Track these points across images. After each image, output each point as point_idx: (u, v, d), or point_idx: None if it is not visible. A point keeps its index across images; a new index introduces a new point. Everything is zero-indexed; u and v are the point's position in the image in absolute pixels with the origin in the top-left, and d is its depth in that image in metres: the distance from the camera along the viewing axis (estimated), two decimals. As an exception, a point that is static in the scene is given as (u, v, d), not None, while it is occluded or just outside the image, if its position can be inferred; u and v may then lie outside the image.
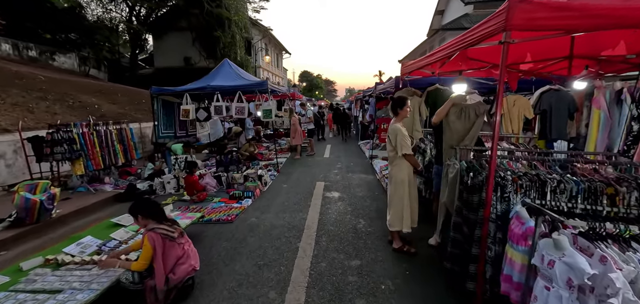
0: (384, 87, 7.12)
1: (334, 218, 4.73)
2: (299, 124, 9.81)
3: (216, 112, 7.77)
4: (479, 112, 3.51)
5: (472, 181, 2.62)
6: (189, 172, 5.73)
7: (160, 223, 2.69)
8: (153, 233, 2.60)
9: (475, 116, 3.52)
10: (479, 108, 3.52)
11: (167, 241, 2.61)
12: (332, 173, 7.71)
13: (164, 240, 2.59)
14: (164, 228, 2.65)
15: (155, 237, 2.57)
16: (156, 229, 2.62)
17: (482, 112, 3.51)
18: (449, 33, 23.04)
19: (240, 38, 19.29)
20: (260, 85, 7.73)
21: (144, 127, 9.48)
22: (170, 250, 2.62)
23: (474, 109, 3.54)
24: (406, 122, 5.09)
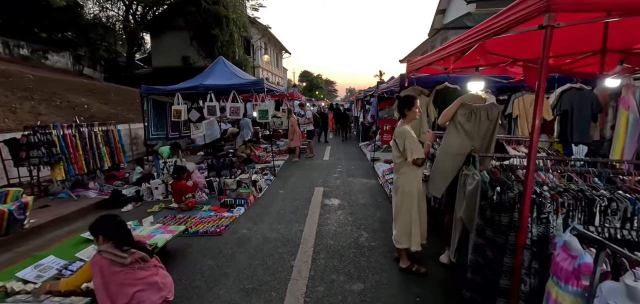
0: (387, 86, 6.66)
1: (334, 230, 4.28)
2: (297, 125, 9.36)
3: (209, 112, 7.32)
4: (492, 115, 3.05)
5: (499, 198, 2.16)
6: (176, 178, 5.27)
7: (117, 247, 2.25)
8: (99, 255, 2.19)
9: (488, 119, 3.06)
10: (492, 111, 3.06)
11: (115, 267, 2.16)
12: (332, 177, 7.25)
13: (111, 266, 2.15)
14: (113, 252, 2.21)
15: (98, 261, 2.16)
16: (103, 253, 2.19)
17: (496, 116, 3.05)
18: (451, 32, 22.59)
19: (238, 37, 18.85)
20: (256, 84, 7.28)
21: (136, 128, 9.04)
22: (120, 278, 2.17)
23: (486, 111, 3.08)
24: (413, 125, 4.67)
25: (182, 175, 5.33)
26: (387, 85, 6.58)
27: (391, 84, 6.04)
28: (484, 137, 3.09)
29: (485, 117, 3.08)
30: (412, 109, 3.14)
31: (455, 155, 3.21)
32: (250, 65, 21.39)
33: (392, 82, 5.99)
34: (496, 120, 3.07)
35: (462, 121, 3.14)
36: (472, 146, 3.14)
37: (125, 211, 5.37)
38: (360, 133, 12.97)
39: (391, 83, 6.13)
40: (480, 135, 3.09)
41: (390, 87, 6.34)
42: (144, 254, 2.41)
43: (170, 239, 3.42)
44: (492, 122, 3.06)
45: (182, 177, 5.32)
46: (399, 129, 3.17)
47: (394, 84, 5.64)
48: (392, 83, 5.92)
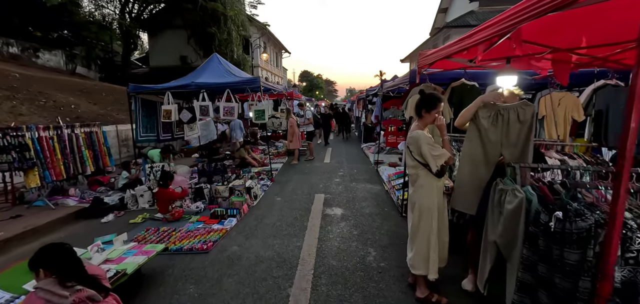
0: (393, 84, 6.12)
1: (337, 247, 3.73)
2: (297, 126, 8.81)
3: (202, 112, 6.78)
4: (525, 117, 2.52)
5: (562, 226, 1.62)
6: (162, 185, 4.73)
7: (59, 284, 1.72)
8: (33, 294, 1.67)
9: (519, 121, 2.53)
10: (525, 111, 2.53)
11: None
12: (334, 183, 6.70)
13: None
14: (51, 290, 1.68)
15: (33, 301, 1.63)
16: (39, 291, 1.67)
17: (530, 118, 2.52)
18: (453, 30, 22.10)
19: (237, 35, 18.30)
20: (252, 82, 6.73)
21: (126, 129, 8.49)
22: None
23: (516, 111, 2.55)
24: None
25: (169, 182, 4.79)
26: (394, 83, 6.04)
27: (398, 81, 5.50)
28: (515, 143, 2.55)
29: (516, 119, 2.55)
30: (431, 111, 2.60)
31: (480, 164, 2.69)
32: (249, 65, 20.84)
33: (399, 79, 5.45)
34: (531, 123, 2.53)
35: (485, 124, 2.61)
36: (500, 155, 2.61)
37: (105, 222, 4.83)
38: (362, 134, 12.44)
39: (398, 80, 5.59)
40: (510, 141, 2.56)
41: (397, 85, 5.80)
42: (94, 293, 1.86)
43: (145, 263, 2.88)
44: (524, 125, 2.53)
45: (169, 184, 4.77)
46: (413, 134, 2.62)
47: (402, 81, 5.10)
48: (399, 80, 5.38)
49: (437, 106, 2.60)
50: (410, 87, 4.30)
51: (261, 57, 20.74)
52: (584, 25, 2.57)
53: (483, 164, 2.67)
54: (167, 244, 3.51)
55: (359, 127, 14.29)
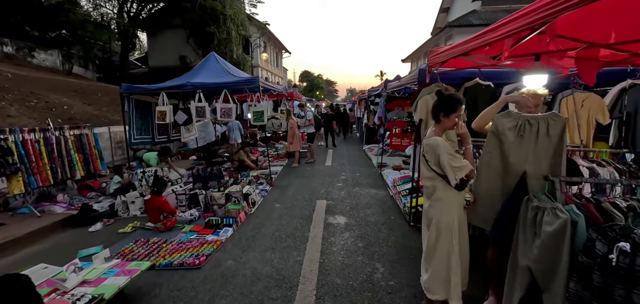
0: (398, 84, 5.79)
1: (340, 262, 3.41)
2: (297, 128, 8.48)
3: (198, 114, 6.47)
4: (555, 131, 2.16)
5: (632, 263, 1.29)
6: (154, 192, 4.41)
7: None
8: None
9: (547, 135, 2.17)
10: (555, 124, 2.17)
11: None
12: (336, 187, 6.37)
13: None
14: None
15: None
16: None
17: (560, 132, 2.16)
18: (456, 30, 21.78)
19: (236, 35, 17.97)
20: (250, 82, 6.41)
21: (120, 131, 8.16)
22: None
23: (545, 123, 2.19)
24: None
25: (162, 189, 4.47)
26: (399, 83, 5.71)
27: (405, 81, 5.17)
28: (542, 158, 2.19)
29: (545, 132, 2.19)
30: (450, 115, 2.27)
31: (500, 177, 2.36)
32: (248, 65, 20.52)
33: (406, 78, 5.11)
34: (560, 137, 2.17)
35: (509, 136, 2.27)
36: (523, 169, 2.26)
37: (93, 231, 4.51)
38: (364, 135, 12.11)
39: (405, 80, 5.25)
40: (538, 155, 2.20)
41: (402, 85, 5.46)
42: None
43: (127, 284, 2.55)
44: (552, 139, 2.17)
45: (161, 191, 4.45)
46: (430, 141, 2.29)
47: (409, 81, 4.76)
48: (406, 79, 5.04)
49: (457, 108, 2.27)
50: (420, 87, 3.97)
51: (261, 56, 20.40)
52: (621, 16, 2.24)
53: (503, 177, 2.33)
54: (154, 260, 3.19)
55: (361, 128, 13.95)
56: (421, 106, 3.82)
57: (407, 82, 4.93)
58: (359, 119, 16.08)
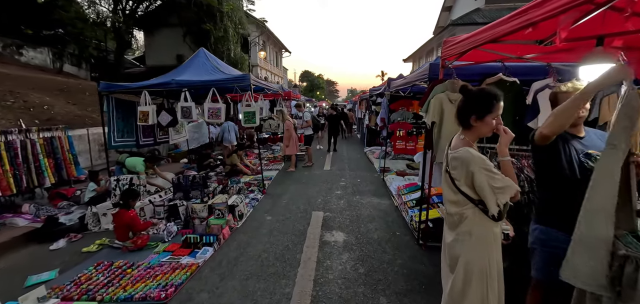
0: (404, 82, 5.16)
1: (338, 295, 2.79)
2: (294, 130, 7.86)
3: (183, 115, 5.85)
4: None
5: None
6: (123, 206, 3.80)
7: None
8: None
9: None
10: None
11: None
12: (334, 195, 5.76)
13: None
14: None
15: None
16: None
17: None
18: (459, 29, 21.13)
19: (234, 33, 17.36)
20: (241, 80, 5.79)
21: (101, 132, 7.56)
22: None
23: None
24: (447, 130, 3.19)
25: (132, 202, 3.87)
26: (405, 81, 5.08)
27: (412, 78, 4.54)
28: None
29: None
30: (485, 117, 1.67)
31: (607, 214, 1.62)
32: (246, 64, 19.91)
33: (414, 75, 4.48)
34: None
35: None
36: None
37: (54, 250, 3.91)
38: (365, 137, 11.49)
39: (412, 77, 4.62)
40: None
41: (409, 83, 4.84)
42: None
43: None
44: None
45: (131, 204, 3.85)
46: (460, 153, 1.68)
47: (417, 77, 4.13)
48: (413, 76, 4.41)
49: (493, 107, 1.66)
50: (431, 84, 3.35)
51: (259, 54, 19.71)
52: None
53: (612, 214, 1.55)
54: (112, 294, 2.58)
55: (362, 130, 13.34)
56: (434, 106, 3.20)
57: (415, 79, 4.31)
58: (360, 119, 15.48)
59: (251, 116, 5.88)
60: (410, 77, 4.71)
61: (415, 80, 4.33)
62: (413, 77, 4.48)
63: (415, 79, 4.33)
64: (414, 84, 4.30)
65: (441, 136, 3.22)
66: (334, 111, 11.27)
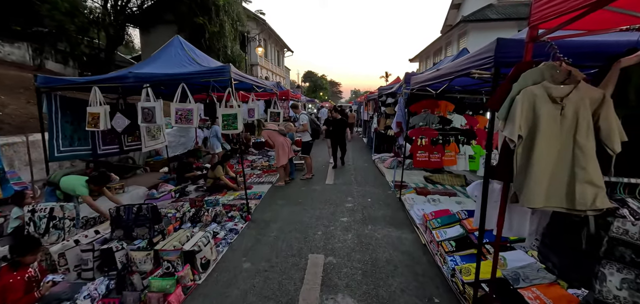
0: (437, 75, 3.69)
1: None
2: (281, 135, 6.37)
3: (145, 118, 4.46)
4: None
5: None
6: (8, 261, 2.39)
7: None
8: None
9: None
10: None
11: None
12: (339, 225, 4.31)
13: None
14: None
15: None
16: None
17: None
18: (471, 25, 19.66)
19: (231, 29, 15.99)
20: (217, 73, 4.37)
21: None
22: None
23: None
24: (563, 137, 1.76)
25: (30, 258, 2.46)
26: (438, 74, 3.61)
27: (452, 67, 3.06)
28: None
29: None
30: None
31: None
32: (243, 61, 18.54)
33: (458, 62, 2.97)
34: None
35: None
36: None
37: None
38: (373, 142, 10.03)
39: (452, 65, 3.13)
40: None
41: (445, 77, 3.38)
42: None
43: None
44: None
45: (26, 262, 2.44)
46: None
47: (468, 63, 2.65)
48: (459, 63, 2.90)
49: None
50: (515, 70, 1.89)
51: (256, 51, 18.23)
52: None
53: None
54: None
55: (369, 134, 11.88)
56: (522, 108, 1.75)
57: (460, 68, 2.84)
58: (366, 121, 14.01)
59: (232, 120, 4.46)
60: (450, 66, 3.23)
61: (460, 69, 2.87)
62: (457, 64, 3.00)
63: (460, 68, 2.86)
64: (460, 73, 2.84)
65: (533, 162, 1.76)
66: (338, 115, 8.21)
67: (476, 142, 5.12)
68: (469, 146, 5.12)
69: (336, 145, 8.04)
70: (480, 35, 17.95)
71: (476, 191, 2.39)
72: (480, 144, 5.11)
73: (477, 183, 2.40)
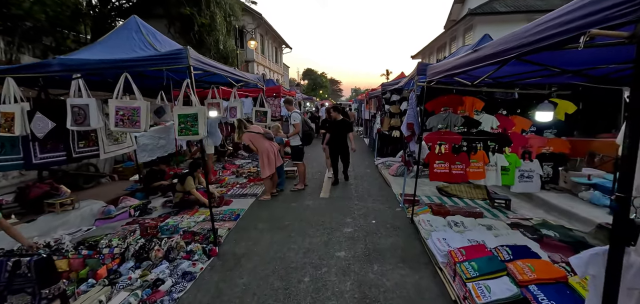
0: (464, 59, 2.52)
1: None
2: (266, 140, 5.20)
3: (75, 119, 3.31)
4: None
5: None
6: None
7: None
8: None
9: None
10: None
11: None
12: (334, 263, 3.15)
13: None
14: None
15: None
16: None
17: None
18: (478, 19, 18.45)
19: (222, 21, 14.77)
20: (170, 59, 3.20)
21: None
22: None
23: None
24: None
25: None
26: (473, 53, 2.43)
27: (522, 34, 1.86)
28: None
29: None
30: None
31: None
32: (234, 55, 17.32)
33: (525, 29, 1.79)
34: None
35: None
36: None
37: None
38: (376, 145, 8.86)
39: (518, 34, 1.92)
40: None
41: (483, 60, 2.21)
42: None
43: None
44: None
45: None
46: None
47: (552, 24, 1.48)
48: (524, 32, 1.73)
49: None
50: None
51: (248, 44, 16.93)
52: None
53: None
54: None
55: (371, 134, 10.71)
56: None
57: (559, 30, 1.63)
58: (367, 120, 12.83)
59: (191, 122, 3.29)
60: (517, 35, 2.01)
61: (547, 34, 1.66)
62: (534, 29, 1.78)
63: (548, 33, 1.65)
64: (534, 47, 1.65)
65: None
66: (339, 115, 6.09)
67: (511, 150, 3.94)
68: (501, 155, 3.94)
69: (337, 155, 6.10)
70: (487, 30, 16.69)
71: (592, 266, 1.22)
72: (515, 151, 3.93)
73: (592, 253, 1.23)
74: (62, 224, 4.39)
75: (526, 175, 3.90)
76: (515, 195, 5.11)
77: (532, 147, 3.91)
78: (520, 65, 2.87)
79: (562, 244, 3.37)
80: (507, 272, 2.54)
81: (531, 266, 2.55)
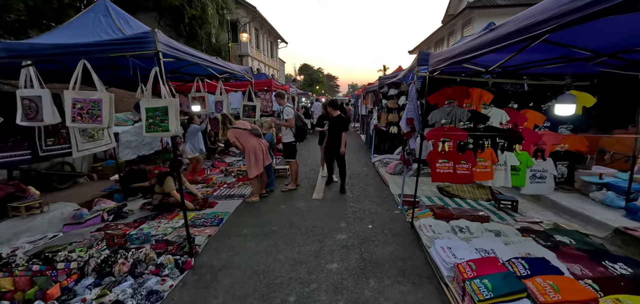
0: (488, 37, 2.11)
1: None
2: (253, 137, 4.74)
3: (26, 114, 2.85)
4: None
5: None
6: None
7: None
8: None
9: None
10: None
11: None
12: (324, 277, 2.74)
13: None
14: None
15: None
16: None
17: None
18: (477, 12, 18.02)
19: (214, 13, 14.21)
20: (135, 44, 2.74)
21: None
22: None
23: None
24: None
25: None
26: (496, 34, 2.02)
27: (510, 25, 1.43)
28: None
29: None
30: None
31: None
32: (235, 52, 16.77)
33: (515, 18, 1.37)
34: None
35: None
36: None
37: None
38: (373, 141, 8.45)
39: (510, 24, 1.50)
40: None
41: (497, 42, 1.80)
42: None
43: None
44: None
45: None
46: None
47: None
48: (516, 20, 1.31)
49: None
50: None
51: (241, 37, 16.32)
52: None
53: None
54: None
55: (368, 130, 10.29)
56: None
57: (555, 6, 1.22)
58: (363, 116, 12.41)
59: (160, 117, 2.84)
60: (520, 17, 1.59)
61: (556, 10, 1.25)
62: (544, 8, 1.38)
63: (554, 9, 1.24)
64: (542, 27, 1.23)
65: None
66: (336, 111, 5.39)
67: (522, 148, 3.53)
68: (511, 153, 3.54)
69: (332, 156, 5.52)
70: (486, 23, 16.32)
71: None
72: (527, 149, 3.53)
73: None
74: (26, 231, 3.94)
75: (538, 175, 3.51)
76: (521, 195, 4.74)
77: (546, 145, 3.51)
78: (535, 52, 2.45)
79: (580, 253, 2.98)
80: (527, 294, 2.15)
81: (554, 285, 2.16)
